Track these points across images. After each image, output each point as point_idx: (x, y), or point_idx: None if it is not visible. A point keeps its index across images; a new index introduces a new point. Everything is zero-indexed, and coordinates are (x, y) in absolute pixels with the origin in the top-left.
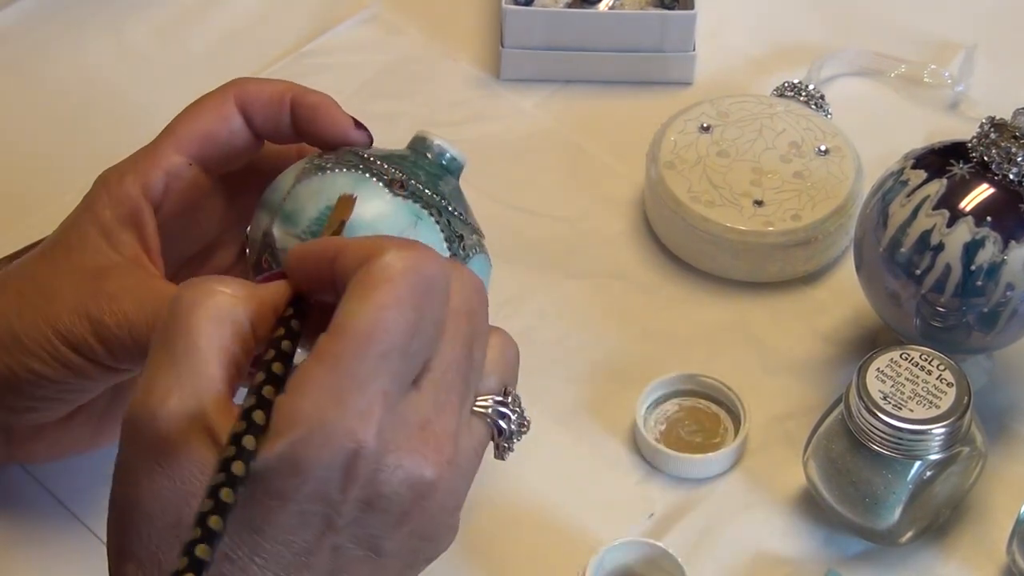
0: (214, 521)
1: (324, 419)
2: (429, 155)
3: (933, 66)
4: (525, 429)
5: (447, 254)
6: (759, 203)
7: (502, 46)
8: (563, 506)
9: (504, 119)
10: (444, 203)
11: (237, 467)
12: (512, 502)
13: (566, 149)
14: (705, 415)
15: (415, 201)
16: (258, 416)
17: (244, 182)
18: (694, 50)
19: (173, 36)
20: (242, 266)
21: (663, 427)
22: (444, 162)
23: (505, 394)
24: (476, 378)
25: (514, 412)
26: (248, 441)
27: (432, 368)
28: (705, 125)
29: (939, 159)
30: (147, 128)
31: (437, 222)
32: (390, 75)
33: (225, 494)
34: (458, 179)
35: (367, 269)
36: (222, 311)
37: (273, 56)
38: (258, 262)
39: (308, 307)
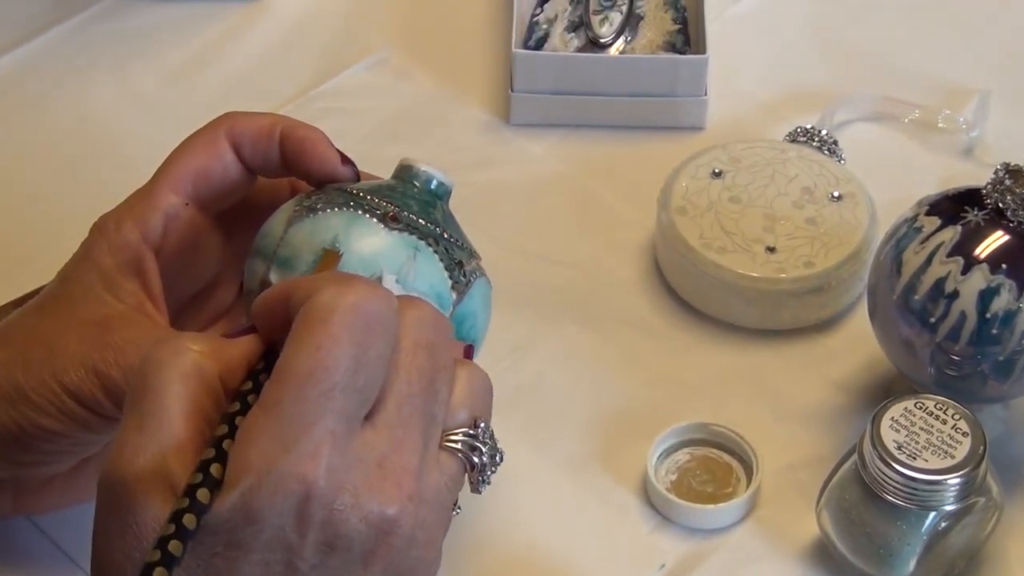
0: (159, 573)
1: (271, 466)
2: (417, 183)
3: (947, 111)
4: (499, 461)
5: (448, 283)
6: (771, 249)
7: (511, 90)
8: (573, 557)
9: (514, 164)
10: (439, 231)
11: (188, 519)
12: (521, 552)
13: (576, 194)
14: (717, 465)
15: (411, 232)
16: (215, 469)
17: (240, 219)
18: (706, 95)
19: (178, 81)
20: (242, 313)
21: (674, 477)
22: (432, 188)
23: (475, 427)
24: (442, 413)
25: (485, 444)
26: (202, 494)
27: (386, 404)
28: (717, 170)
29: (953, 205)
30: (151, 175)
31: (435, 251)
32: (399, 120)
33: (173, 546)
34: (447, 204)
35: (304, 311)
36: (190, 369)
37: (280, 101)
38: None
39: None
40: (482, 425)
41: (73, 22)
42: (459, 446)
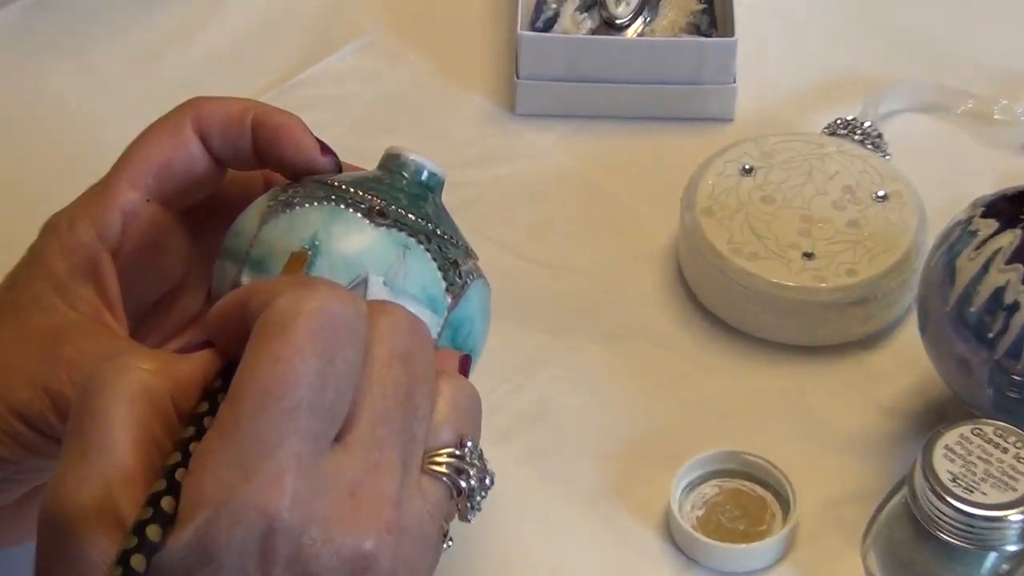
0: None
1: (229, 496)
2: (405, 174)
3: (1004, 101)
4: (489, 485)
5: (442, 284)
6: (809, 256)
7: (517, 77)
8: None
9: (519, 159)
10: (431, 227)
11: (136, 561)
12: None
13: (589, 193)
14: (749, 499)
15: (399, 229)
16: (167, 502)
17: (208, 216)
18: (734, 82)
19: (147, 64)
20: None
21: (701, 512)
22: (423, 179)
23: (462, 446)
24: (423, 431)
25: (473, 466)
26: (152, 531)
27: (358, 423)
28: (747, 167)
29: (1012, 206)
30: (110, 167)
31: (427, 250)
32: (390, 109)
33: None
34: (440, 197)
35: (262, 319)
36: (137, 389)
37: (258, 88)
38: None
39: None
40: (469, 444)
41: None
42: (444, 469)
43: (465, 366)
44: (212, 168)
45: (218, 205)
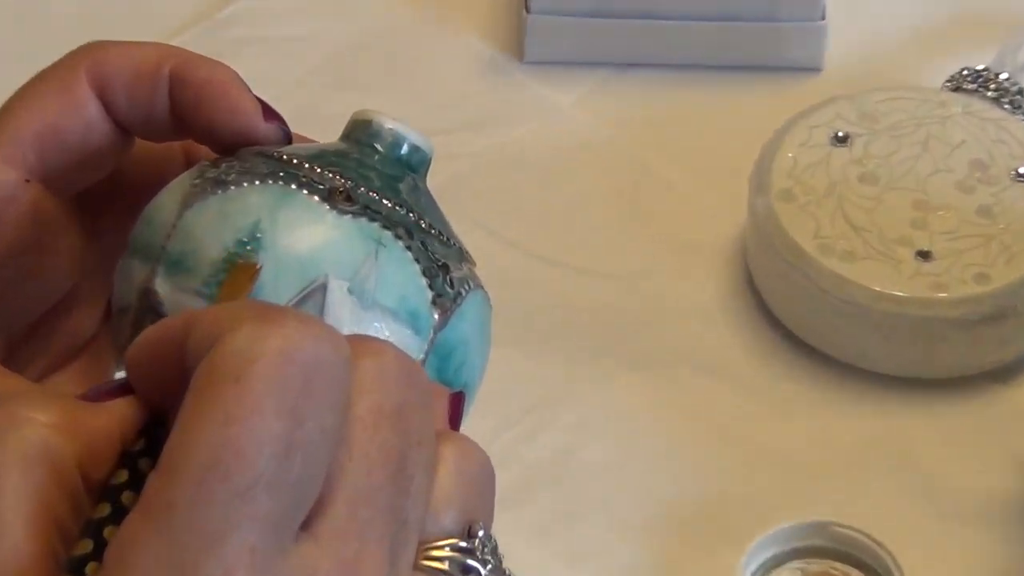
0: None
1: None
2: (379, 147)
3: None
4: None
5: (428, 295)
6: (925, 255)
7: (527, 10)
8: None
9: (529, 123)
10: (414, 217)
11: None
12: None
13: (624, 169)
14: None
15: (371, 219)
16: None
17: (108, 203)
18: (824, 18)
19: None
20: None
21: None
22: (402, 154)
23: (469, 535)
24: (418, 514)
25: (486, 562)
26: None
27: (333, 504)
28: (841, 134)
29: None
30: None
31: (408, 247)
32: (355, 57)
33: None
34: (424, 180)
35: (207, 364)
36: (35, 451)
37: (171, 28)
38: (131, 341)
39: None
40: (480, 533)
41: None
42: (445, 566)
43: (456, 408)
44: (115, 137)
45: (123, 188)
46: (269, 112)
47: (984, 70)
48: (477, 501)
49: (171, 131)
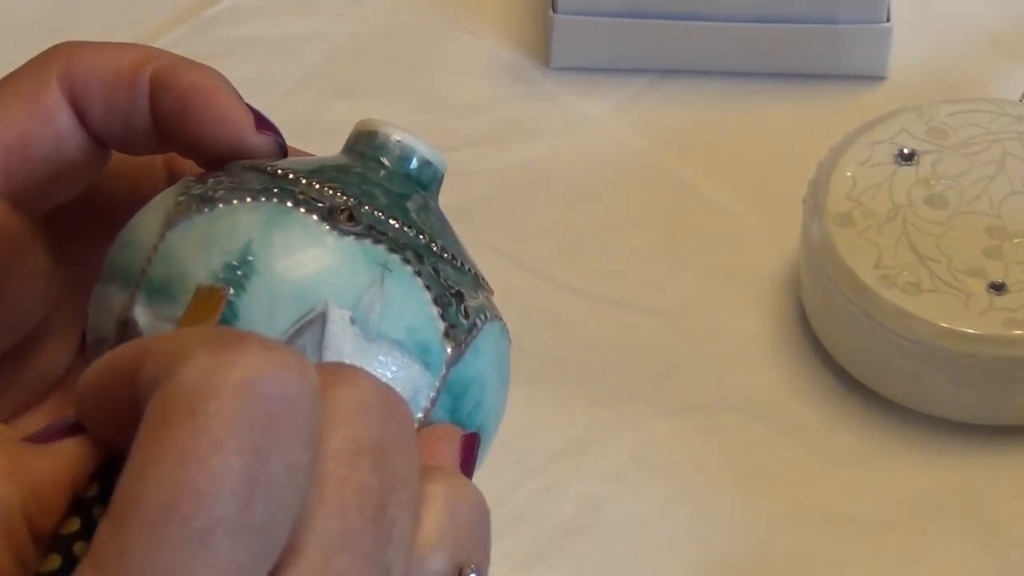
0: None
1: None
2: (385, 161)
3: None
4: None
5: (439, 327)
6: (998, 288)
7: (553, 10)
8: None
9: (556, 136)
10: (424, 240)
11: None
12: None
13: (663, 189)
14: None
15: (376, 241)
16: None
17: (83, 225)
18: (888, 20)
19: None
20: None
21: None
22: (412, 169)
23: None
24: (402, 559)
25: None
26: None
27: (304, 551)
28: (906, 151)
29: None
30: None
31: (417, 272)
32: (359, 60)
33: None
34: (436, 198)
35: (160, 395)
36: None
37: (157, 25)
38: None
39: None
40: (473, 575)
41: None
42: None
43: (470, 451)
44: (89, 150)
45: (98, 207)
46: (262, 122)
47: None
48: (468, 542)
49: (152, 143)
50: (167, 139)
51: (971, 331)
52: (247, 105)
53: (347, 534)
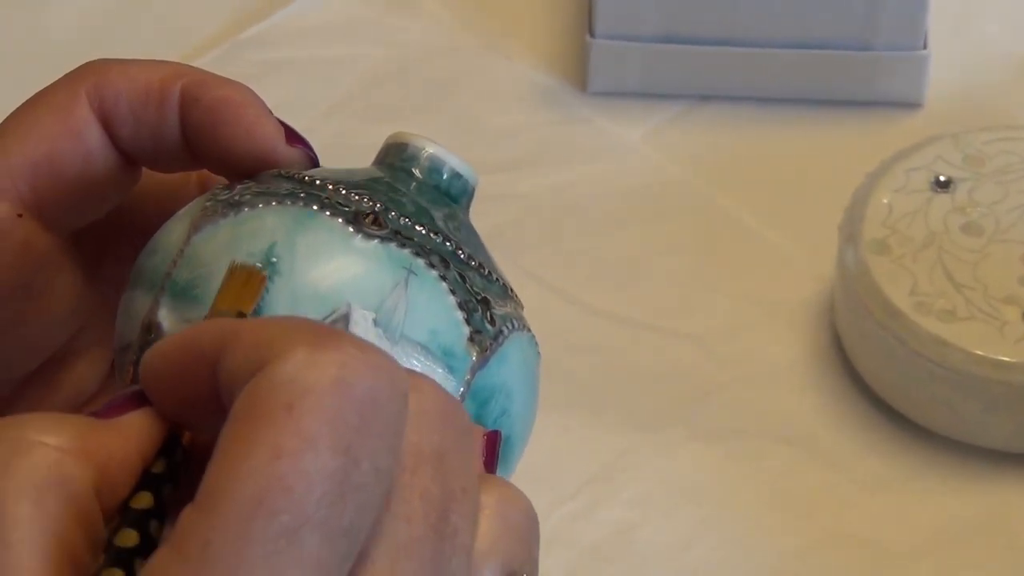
0: None
1: None
2: (416, 171)
3: None
4: None
5: (464, 331)
6: None
7: (591, 35)
8: None
9: (592, 161)
10: (450, 246)
11: None
12: None
13: (697, 215)
14: None
15: (401, 244)
16: None
17: (113, 242)
18: (925, 47)
19: (29, 11)
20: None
21: None
22: (442, 182)
23: None
24: (462, 567)
25: None
26: None
27: (373, 557)
28: (943, 179)
29: None
30: None
31: (442, 277)
32: (395, 83)
33: None
34: (467, 212)
35: (253, 387)
36: (47, 478)
37: (192, 47)
38: (135, 378)
39: (192, 451)
40: None
41: None
42: None
43: (492, 449)
44: (119, 167)
45: (128, 225)
46: (292, 135)
47: None
48: (519, 550)
49: (183, 159)
50: (197, 154)
51: (1007, 359)
52: (278, 120)
53: (412, 541)
